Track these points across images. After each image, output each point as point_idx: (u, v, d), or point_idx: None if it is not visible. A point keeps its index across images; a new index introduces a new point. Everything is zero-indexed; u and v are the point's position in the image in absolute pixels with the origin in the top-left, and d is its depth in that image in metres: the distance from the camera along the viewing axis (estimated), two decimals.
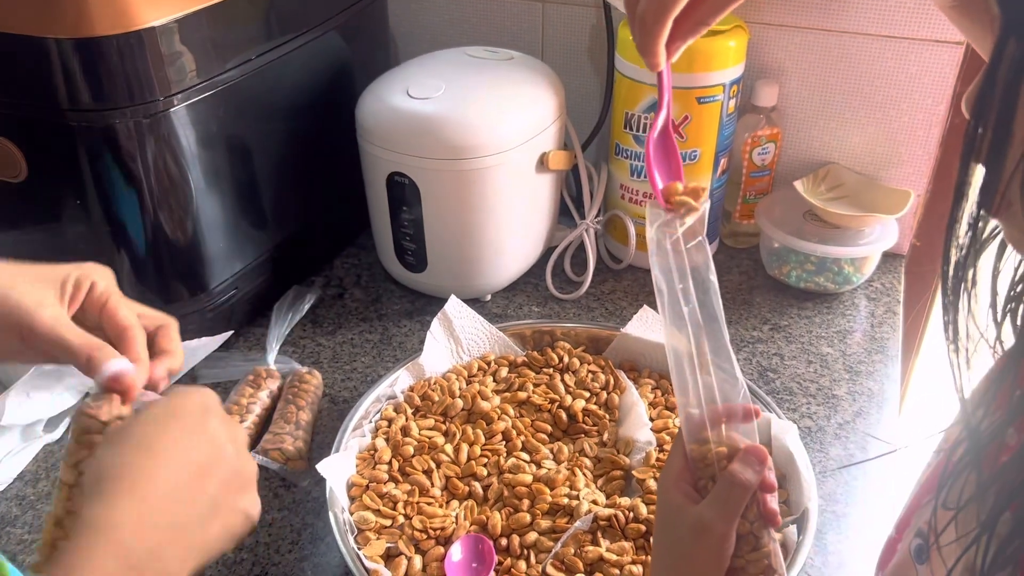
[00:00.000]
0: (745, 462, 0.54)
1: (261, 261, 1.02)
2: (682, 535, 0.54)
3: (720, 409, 0.56)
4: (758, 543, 0.54)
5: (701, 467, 0.56)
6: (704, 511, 0.53)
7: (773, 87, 1.08)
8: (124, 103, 0.80)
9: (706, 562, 0.53)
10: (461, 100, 0.96)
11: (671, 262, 0.58)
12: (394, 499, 0.77)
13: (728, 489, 0.53)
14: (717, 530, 0.53)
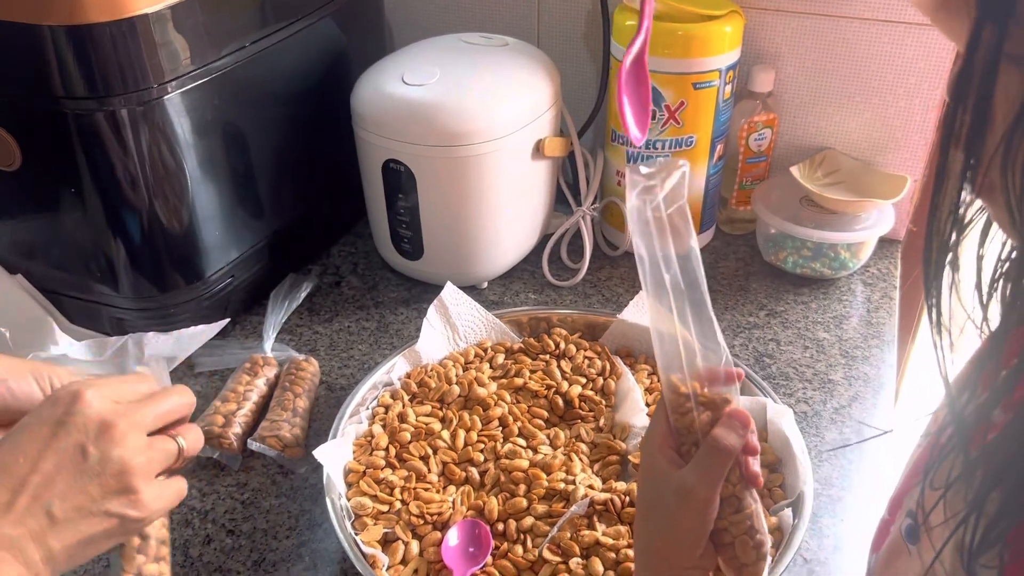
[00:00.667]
0: (728, 426, 0.54)
1: (257, 249, 1.02)
2: (666, 499, 0.54)
3: (703, 373, 0.56)
4: (740, 505, 0.54)
5: (685, 433, 0.55)
6: (688, 475, 0.53)
7: (769, 72, 1.08)
8: (118, 90, 0.80)
9: (690, 525, 0.53)
10: (456, 87, 0.96)
11: (652, 228, 0.57)
12: (391, 485, 0.77)
13: (712, 454, 0.53)
14: (701, 494, 0.53)
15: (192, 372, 0.97)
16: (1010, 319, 0.46)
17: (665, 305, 0.56)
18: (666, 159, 0.58)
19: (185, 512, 0.81)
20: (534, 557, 0.71)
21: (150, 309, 0.94)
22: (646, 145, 1.05)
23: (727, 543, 0.54)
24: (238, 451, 0.85)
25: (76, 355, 0.92)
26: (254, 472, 0.85)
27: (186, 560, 0.76)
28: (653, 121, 1.03)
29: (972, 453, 0.45)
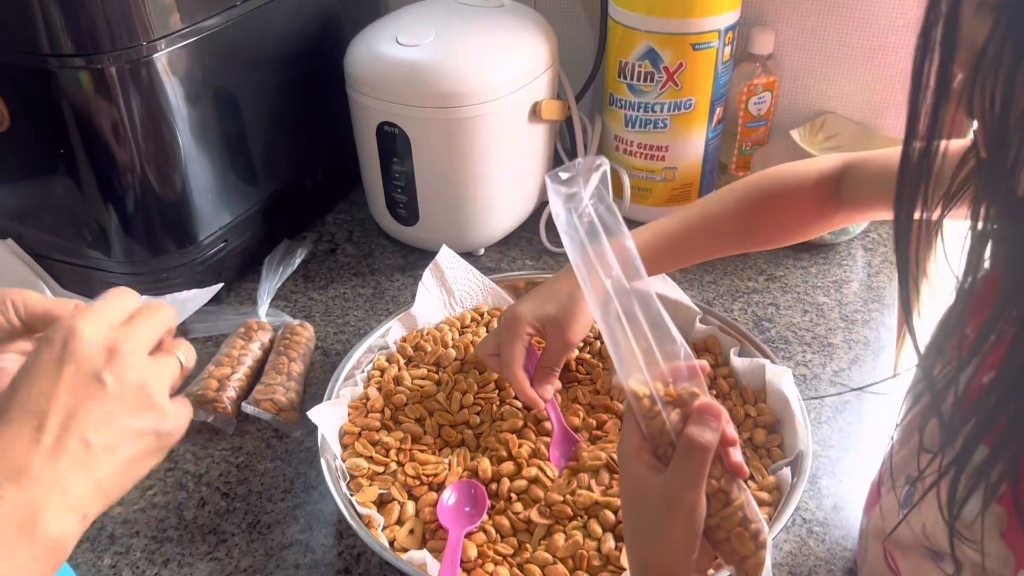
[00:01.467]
0: (700, 422, 0.51)
1: (251, 214, 1.01)
2: (652, 508, 0.51)
3: (665, 371, 0.53)
4: (728, 499, 0.52)
5: (658, 436, 0.52)
6: (670, 481, 0.51)
7: (769, 34, 1.06)
8: (106, 48, 0.79)
9: (681, 531, 0.50)
10: (451, 47, 0.95)
11: (582, 234, 0.54)
12: (386, 446, 0.76)
13: (689, 454, 0.50)
14: (687, 499, 0.50)
15: (186, 338, 0.95)
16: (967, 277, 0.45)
17: (612, 311, 0.53)
18: (583, 159, 0.56)
19: (179, 476, 0.80)
20: (531, 516, 0.70)
21: (142, 274, 0.93)
22: (644, 107, 1.04)
23: (722, 539, 0.52)
24: (232, 415, 0.84)
25: None
26: (248, 436, 0.84)
27: (180, 522, 0.76)
28: (651, 83, 1.02)
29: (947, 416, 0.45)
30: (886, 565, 0.59)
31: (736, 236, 0.80)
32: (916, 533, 0.53)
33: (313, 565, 0.72)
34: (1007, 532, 0.45)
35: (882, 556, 0.60)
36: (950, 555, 0.47)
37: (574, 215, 0.55)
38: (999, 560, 0.46)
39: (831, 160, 0.76)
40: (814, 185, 0.75)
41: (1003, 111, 0.37)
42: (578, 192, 0.56)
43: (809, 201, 0.76)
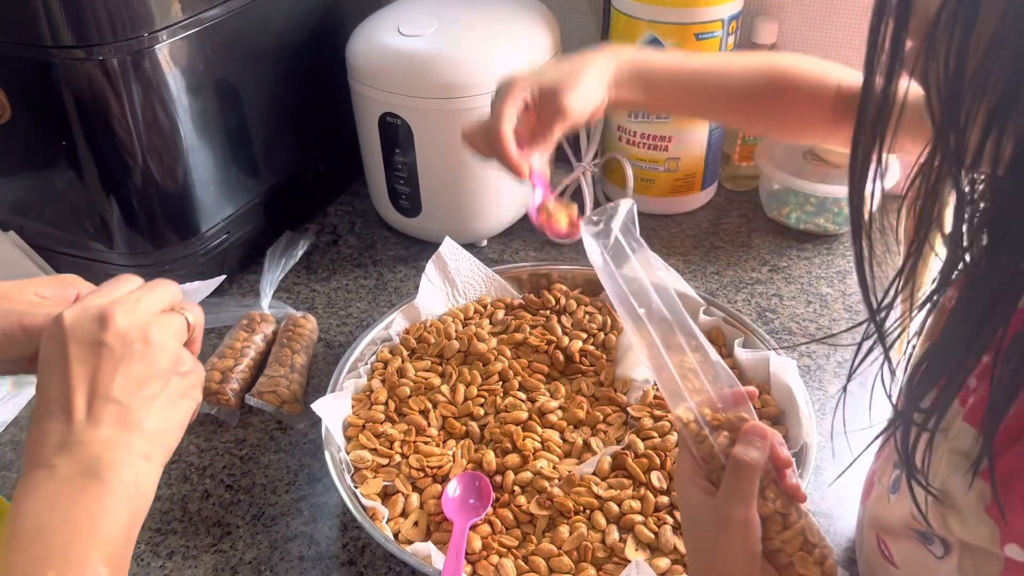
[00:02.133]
0: (746, 442, 0.53)
1: (253, 205, 1.00)
2: (706, 530, 0.53)
3: (713, 398, 0.55)
4: (787, 521, 0.53)
5: (710, 461, 0.54)
6: (720, 501, 0.52)
7: (773, 24, 1.06)
8: (107, 39, 0.78)
9: (735, 551, 0.51)
10: (453, 37, 0.94)
11: (613, 269, 0.57)
12: (391, 438, 0.76)
13: (736, 473, 0.52)
14: (737, 517, 0.51)
15: None
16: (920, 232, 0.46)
17: (653, 341, 0.55)
18: (613, 203, 0.59)
19: (183, 468, 0.80)
20: (534, 508, 0.70)
21: (145, 265, 0.93)
22: None
23: (786, 564, 0.53)
24: (235, 407, 0.84)
25: None
26: (252, 428, 0.84)
27: (184, 515, 0.76)
28: None
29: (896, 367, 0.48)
30: (880, 554, 0.60)
31: (743, 107, 0.77)
32: (905, 516, 0.54)
33: (318, 557, 0.72)
34: (991, 507, 0.45)
35: (876, 545, 0.60)
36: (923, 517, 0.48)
37: (606, 252, 0.57)
38: (984, 536, 0.46)
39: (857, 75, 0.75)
40: (835, 91, 0.73)
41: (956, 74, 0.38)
42: (607, 227, 0.58)
43: (825, 104, 0.74)
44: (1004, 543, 0.45)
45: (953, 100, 0.38)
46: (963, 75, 0.38)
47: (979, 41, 0.37)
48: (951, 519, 0.47)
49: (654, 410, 0.78)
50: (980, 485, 0.46)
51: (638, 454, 0.73)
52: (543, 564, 0.67)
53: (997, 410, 0.43)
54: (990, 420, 0.43)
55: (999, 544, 0.46)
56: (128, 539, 0.47)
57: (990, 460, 0.44)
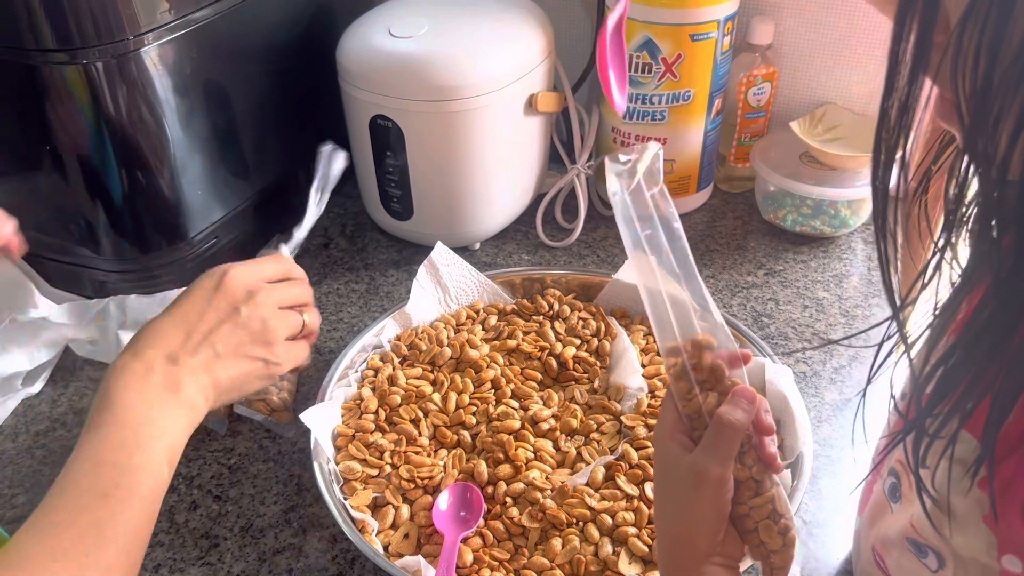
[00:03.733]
0: (733, 403, 0.53)
1: (242, 209, 0.99)
2: (680, 484, 0.53)
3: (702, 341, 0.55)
4: (759, 488, 0.53)
5: (695, 418, 0.54)
6: (698, 457, 0.52)
7: (769, 24, 1.04)
8: (92, 42, 0.77)
9: (706, 508, 0.52)
10: (445, 39, 0.93)
11: (633, 212, 0.56)
12: (381, 448, 0.75)
13: (718, 431, 0.52)
14: (712, 474, 0.51)
15: None
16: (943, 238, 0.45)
17: (659, 291, 0.55)
18: (640, 145, 0.59)
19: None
20: (526, 520, 0.69)
21: (133, 271, 0.91)
22: (642, 99, 1.02)
23: (751, 529, 0.53)
24: (224, 416, 0.83)
25: (57, 318, 0.89)
26: (241, 437, 0.83)
27: (171, 526, 0.75)
28: (649, 75, 1.00)
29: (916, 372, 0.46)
30: (875, 564, 0.59)
31: None
32: (903, 526, 0.53)
33: (306, 570, 0.71)
34: (989, 517, 0.44)
35: (872, 557, 0.60)
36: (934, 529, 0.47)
37: (627, 195, 0.57)
38: (983, 546, 0.46)
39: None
40: None
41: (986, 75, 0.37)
42: (632, 168, 0.58)
43: None
44: (1001, 554, 0.45)
45: (983, 102, 0.37)
46: (993, 76, 0.37)
47: (1011, 41, 0.36)
48: (946, 528, 0.47)
49: (648, 419, 0.77)
50: (978, 494, 0.45)
51: (632, 465, 0.72)
52: None
53: (997, 418, 0.42)
54: (989, 430, 0.42)
55: (996, 555, 0.45)
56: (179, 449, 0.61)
57: (990, 469, 0.43)
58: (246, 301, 0.66)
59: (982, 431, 0.43)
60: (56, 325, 0.89)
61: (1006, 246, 0.40)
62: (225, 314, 0.65)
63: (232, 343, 0.65)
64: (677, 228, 0.57)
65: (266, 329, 0.67)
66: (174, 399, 0.61)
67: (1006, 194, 0.40)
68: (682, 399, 0.55)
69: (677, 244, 0.56)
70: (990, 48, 0.36)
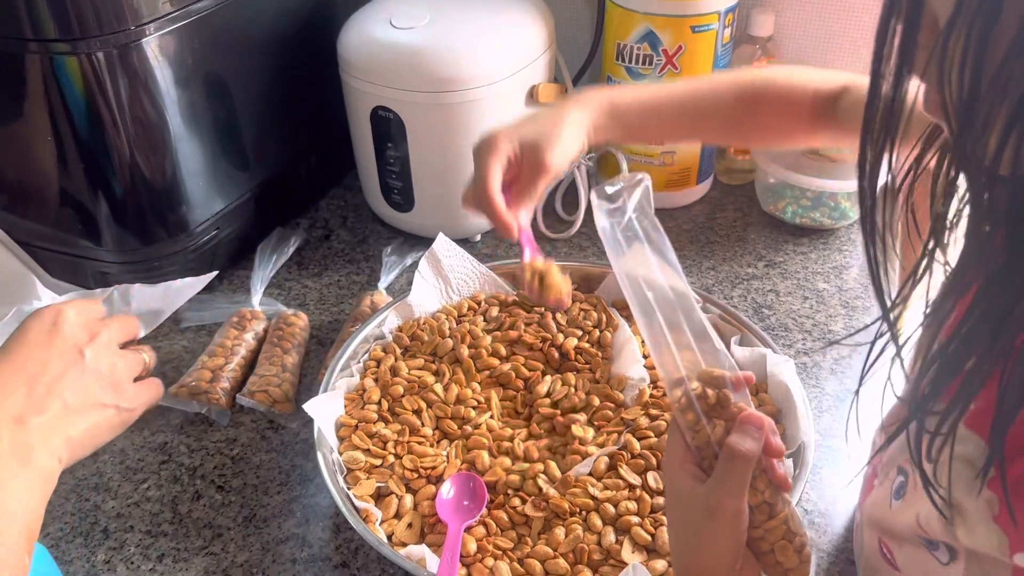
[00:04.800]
0: (742, 432, 0.51)
1: (243, 201, 0.99)
2: (695, 517, 0.52)
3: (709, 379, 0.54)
4: (773, 511, 0.52)
5: (704, 449, 0.53)
6: (712, 490, 0.51)
7: (769, 16, 1.05)
8: (93, 32, 0.77)
9: (723, 540, 0.51)
10: (446, 30, 0.93)
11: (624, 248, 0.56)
12: (384, 439, 0.75)
13: (730, 463, 0.51)
14: (728, 508, 0.50)
15: (178, 327, 0.94)
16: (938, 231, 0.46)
17: (656, 323, 0.54)
18: (628, 176, 0.58)
19: (173, 468, 0.79)
20: (529, 510, 0.70)
21: (134, 262, 0.91)
22: None
23: (766, 551, 0.52)
24: (226, 407, 0.83)
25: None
26: (243, 428, 0.83)
27: (175, 516, 0.75)
28: (650, 66, 1.00)
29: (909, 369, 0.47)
30: (882, 556, 0.59)
31: (721, 126, 0.80)
32: (911, 523, 0.53)
33: (310, 560, 0.71)
34: (999, 517, 0.45)
35: (878, 547, 0.60)
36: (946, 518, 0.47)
37: (617, 229, 0.57)
38: (993, 545, 0.46)
39: (836, 77, 0.75)
40: (812, 97, 0.74)
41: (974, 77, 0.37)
42: (622, 206, 0.57)
43: (802, 110, 0.75)
44: (1013, 552, 0.45)
45: (971, 105, 0.37)
46: (981, 78, 0.36)
47: (999, 43, 0.36)
48: (958, 528, 0.47)
49: (649, 408, 0.77)
50: (987, 494, 0.45)
51: (634, 455, 0.72)
52: (538, 567, 0.66)
53: (1005, 419, 0.42)
54: (998, 429, 0.42)
55: (1008, 553, 0.45)
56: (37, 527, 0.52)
57: (1002, 468, 0.43)
58: (88, 342, 0.58)
59: (989, 432, 0.43)
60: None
61: (997, 243, 0.40)
62: (70, 359, 0.56)
63: (82, 392, 0.56)
64: (672, 260, 0.56)
65: (114, 371, 0.59)
66: (25, 470, 0.51)
67: (995, 193, 0.40)
68: (689, 431, 0.53)
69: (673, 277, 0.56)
70: (977, 53, 0.36)
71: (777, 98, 0.76)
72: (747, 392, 0.54)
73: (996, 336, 0.41)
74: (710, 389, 0.53)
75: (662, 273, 0.55)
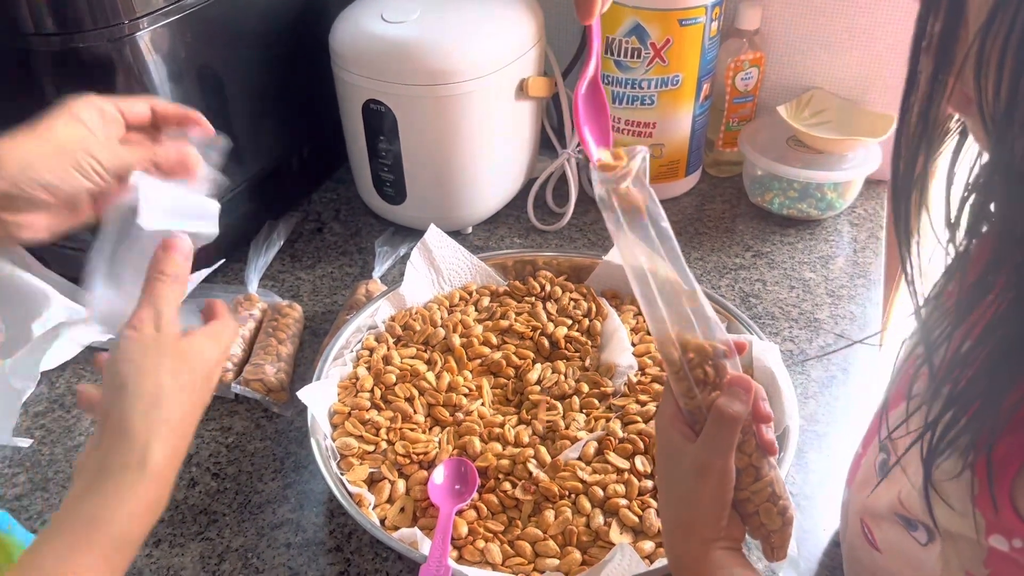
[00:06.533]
0: (731, 395, 0.54)
1: (236, 194, 1.00)
2: (683, 474, 0.54)
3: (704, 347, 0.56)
4: (759, 474, 0.54)
5: (696, 413, 0.55)
6: (700, 449, 0.54)
7: (756, 9, 1.06)
8: (88, 26, 0.77)
9: (710, 498, 0.53)
10: (437, 23, 0.94)
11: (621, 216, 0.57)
12: (377, 425, 0.76)
13: (718, 423, 0.53)
14: (715, 467, 0.53)
15: None
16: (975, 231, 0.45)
17: (650, 292, 0.56)
18: (627, 148, 0.59)
19: None
20: (520, 494, 0.71)
21: None
22: (631, 84, 1.03)
23: (751, 512, 0.55)
24: (229, 382, 0.84)
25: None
26: (238, 416, 0.84)
27: (171, 503, 0.76)
28: (638, 60, 1.01)
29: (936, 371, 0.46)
30: (864, 538, 0.60)
31: None
32: (892, 501, 0.54)
33: (304, 544, 0.72)
34: (979, 498, 0.46)
35: (860, 529, 0.61)
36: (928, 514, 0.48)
37: (614, 198, 0.58)
38: (970, 526, 0.47)
39: None
40: None
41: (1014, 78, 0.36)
42: (620, 176, 0.59)
43: None
44: (989, 533, 0.46)
45: (1010, 107, 0.37)
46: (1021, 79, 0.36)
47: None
48: (937, 508, 0.48)
49: (638, 395, 0.79)
50: (967, 476, 0.46)
51: (621, 439, 0.74)
52: (528, 548, 0.68)
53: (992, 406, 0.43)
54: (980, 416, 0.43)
55: (985, 534, 0.46)
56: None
57: (988, 453, 0.44)
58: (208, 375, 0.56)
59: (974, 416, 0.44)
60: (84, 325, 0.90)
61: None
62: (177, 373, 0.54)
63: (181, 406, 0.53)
64: (666, 228, 0.57)
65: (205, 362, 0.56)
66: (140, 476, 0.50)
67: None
68: (683, 397, 0.56)
69: (668, 244, 0.57)
70: (1017, 53, 0.36)
71: None
72: (737, 359, 0.56)
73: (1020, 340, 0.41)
74: (707, 364, 0.55)
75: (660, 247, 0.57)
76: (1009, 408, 0.43)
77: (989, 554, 0.47)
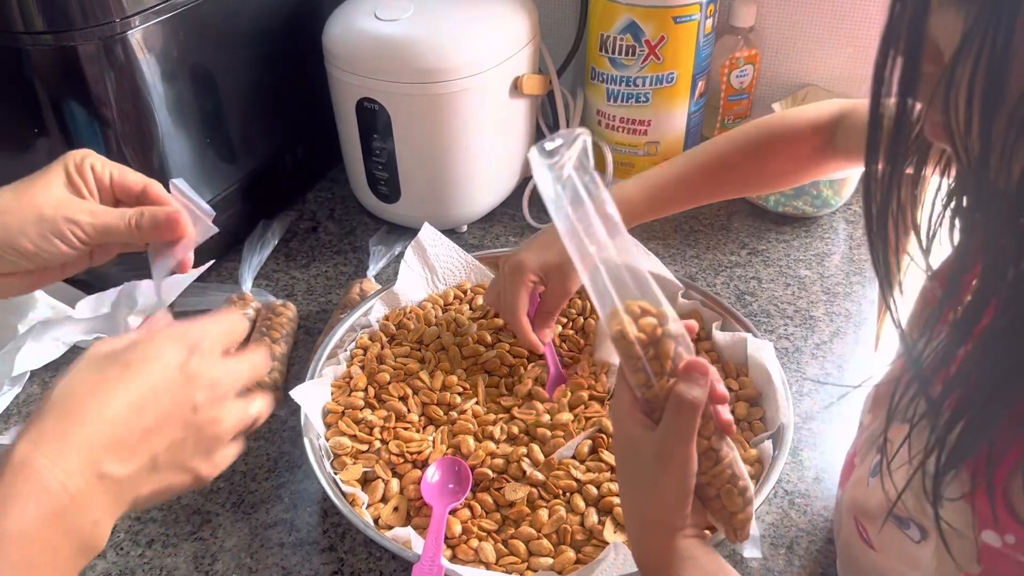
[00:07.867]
0: (688, 380, 0.52)
1: (230, 193, 1.00)
2: (645, 464, 0.53)
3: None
4: (718, 456, 0.53)
5: (653, 401, 0.54)
6: (661, 438, 0.52)
7: (751, 6, 1.06)
8: (79, 25, 0.77)
9: (674, 487, 0.52)
10: (430, 21, 0.94)
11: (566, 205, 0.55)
12: (370, 425, 0.76)
13: (678, 410, 0.52)
14: (678, 454, 0.51)
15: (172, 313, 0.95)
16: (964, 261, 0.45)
17: (599, 278, 0.54)
18: (566, 131, 0.56)
19: None
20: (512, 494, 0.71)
21: (121, 255, 0.91)
22: (626, 81, 1.03)
23: (712, 496, 0.54)
24: None
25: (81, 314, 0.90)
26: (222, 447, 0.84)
27: (163, 503, 0.76)
28: (633, 57, 1.01)
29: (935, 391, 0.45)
30: (859, 536, 0.60)
31: (735, 183, 0.83)
32: (883, 500, 0.54)
33: (298, 544, 0.72)
34: (969, 496, 0.46)
35: (855, 528, 0.61)
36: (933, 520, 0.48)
37: (557, 185, 0.56)
38: (962, 522, 0.47)
39: (828, 107, 0.76)
40: (810, 134, 0.76)
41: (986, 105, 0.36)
42: (560, 162, 0.56)
43: (804, 150, 0.77)
44: (981, 529, 0.46)
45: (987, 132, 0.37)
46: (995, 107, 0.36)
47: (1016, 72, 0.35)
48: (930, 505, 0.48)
49: None
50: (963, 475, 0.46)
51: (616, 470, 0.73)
52: (522, 547, 0.67)
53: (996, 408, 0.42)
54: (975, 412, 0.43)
55: (976, 530, 0.46)
56: None
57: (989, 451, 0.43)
58: (209, 399, 0.49)
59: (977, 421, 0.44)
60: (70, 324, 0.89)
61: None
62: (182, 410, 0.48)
63: (175, 451, 0.47)
64: (612, 214, 0.55)
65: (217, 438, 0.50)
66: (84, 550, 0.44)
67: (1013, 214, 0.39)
68: (639, 387, 0.54)
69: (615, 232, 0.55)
70: (988, 84, 0.36)
71: (778, 146, 0.77)
72: (690, 340, 0.54)
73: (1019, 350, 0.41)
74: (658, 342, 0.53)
75: (605, 231, 0.55)
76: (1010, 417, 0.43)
77: (982, 549, 0.47)
